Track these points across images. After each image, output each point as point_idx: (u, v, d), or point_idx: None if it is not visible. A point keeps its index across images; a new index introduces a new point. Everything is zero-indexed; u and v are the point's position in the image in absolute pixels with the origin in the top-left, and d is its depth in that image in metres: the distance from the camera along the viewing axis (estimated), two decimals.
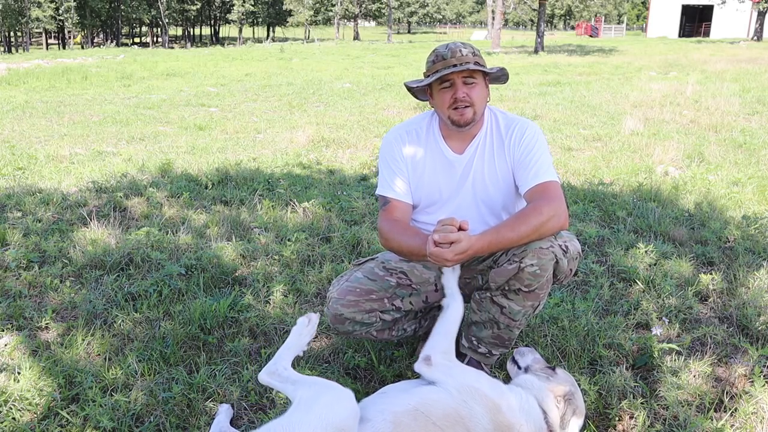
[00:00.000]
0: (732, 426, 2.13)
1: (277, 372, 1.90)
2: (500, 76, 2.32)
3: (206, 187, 5.11)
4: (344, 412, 1.67)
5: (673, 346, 2.53)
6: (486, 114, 2.34)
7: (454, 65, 2.16)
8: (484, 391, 1.83)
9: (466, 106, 2.20)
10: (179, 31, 72.01)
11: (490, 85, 2.33)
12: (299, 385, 1.81)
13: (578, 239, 3.66)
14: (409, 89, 2.34)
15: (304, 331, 2.05)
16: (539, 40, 28.65)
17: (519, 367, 2.12)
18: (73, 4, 49.88)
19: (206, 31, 77.70)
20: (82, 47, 50.64)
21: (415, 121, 2.43)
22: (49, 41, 58.87)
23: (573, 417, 1.90)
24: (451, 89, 2.20)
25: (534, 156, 2.23)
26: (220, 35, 75.09)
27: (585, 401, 2.20)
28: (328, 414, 1.65)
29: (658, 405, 2.24)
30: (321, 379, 1.86)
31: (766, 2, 35.94)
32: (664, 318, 2.86)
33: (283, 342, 2.04)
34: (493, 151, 2.31)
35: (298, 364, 2.50)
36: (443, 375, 1.89)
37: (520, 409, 1.84)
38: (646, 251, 3.54)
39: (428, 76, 2.23)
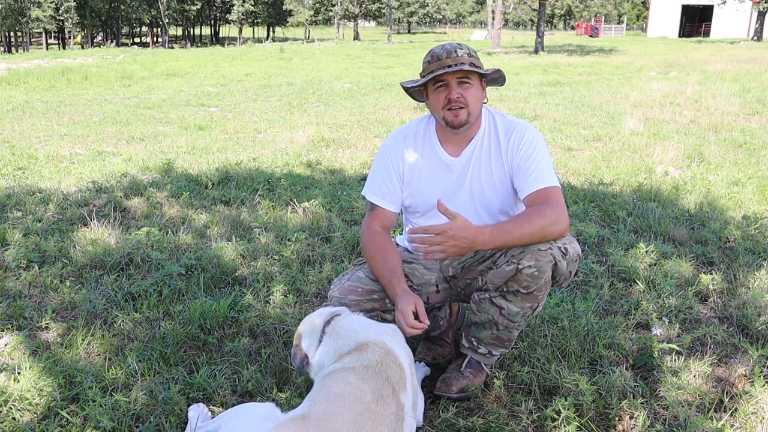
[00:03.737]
0: (732, 426, 2.13)
1: (200, 427, 2.07)
2: (497, 78, 2.30)
3: (206, 187, 5.11)
4: (266, 407, 1.85)
5: (673, 346, 2.53)
6: (483, 116, 2.33)
7: (449, 65, 2.14)
8: None
9: (460, 107, 2.19)
10: (179, 31, 71.99)
11: (488, 87, 2.32)
12: (217, 418, 2.01)
13: (578, 239, 3.67)
14: (406, 90, 2.33)
15: (199, 411, 2.20)
16: (539, 40, 28.64)
17: None
18: (73, 4, 49.85)
19: (206, 31, 77.69)
20: (82, 47, 50.62)
21: (412, 125, 2.43)
22: (49, 41, 58.85)
23: None
24: (445, 90, 2.19)
25: (533, 161, 2.21)
26: (220, 35, 75.07)
27: (583, 402, 2.21)
28: (253, 411, 1.85)
29: (658, 405, 2.24)
30: None
31: (766, 2, 35.93)
32: (664, 318, 2.86)
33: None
34: (491, 155, 2.30)
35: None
36: None
37: None
38: (646, 251, 3.54)
39: (424, 76, 2.22)
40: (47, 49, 47.83)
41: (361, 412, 1.75)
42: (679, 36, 48.76)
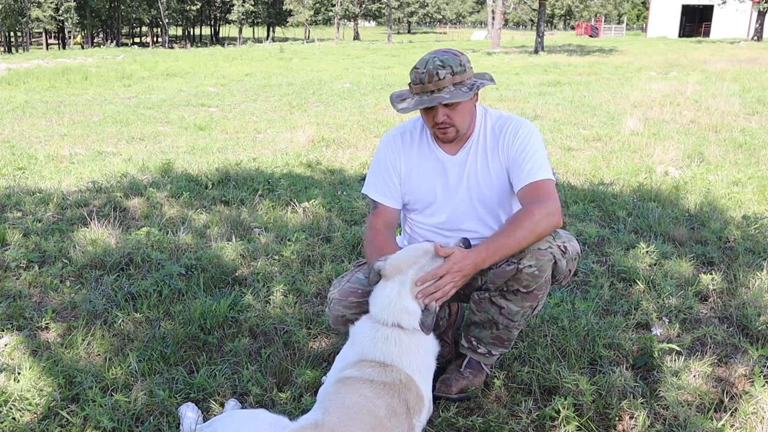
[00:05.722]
0: (732, 426, 2.13)
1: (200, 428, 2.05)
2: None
3: (206, 187, 5.11)
4: (265, 414, 1.85)
5: (673, 346, 2.53)
6: (480, 114, 2.34)
7: (431, 91, 2.11)
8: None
9: (447, 127, 2.20)
10: (179, 31, 71.96)
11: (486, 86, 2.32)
12: (210, 423, 1.95)
13: (578, 239, 3.67)
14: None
15: (194, 412, 2.18)
16: (539, 40, 28.64)
17: None
18: (73, 4, 49.84)
19: (206, 31, 77.65)
20: (82, 47, 50.62)
21: (409, 123, 2.44)
22: (49, 41, 58.83)
23: None
24: (431, 111, 2.19)
25: (527, 154, 2.23)
26: (220, 35, 75.05)
27: (583, 401, 2.21)
28: (253, 418, 1.84)
29: (658, 405, 2.24)
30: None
31: (766, 2, 35.92)
32: (664, 318, 2.86)
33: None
34: (487, 151, 2.31)
35: (297, 364, 2.50)
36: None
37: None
38: (646, 251, 3.54)
39: (410, 90, 2.21)
40: (47, 49, 47.83)
41: (374, 426, 1.76)
42: (679, 36, 48.74)
